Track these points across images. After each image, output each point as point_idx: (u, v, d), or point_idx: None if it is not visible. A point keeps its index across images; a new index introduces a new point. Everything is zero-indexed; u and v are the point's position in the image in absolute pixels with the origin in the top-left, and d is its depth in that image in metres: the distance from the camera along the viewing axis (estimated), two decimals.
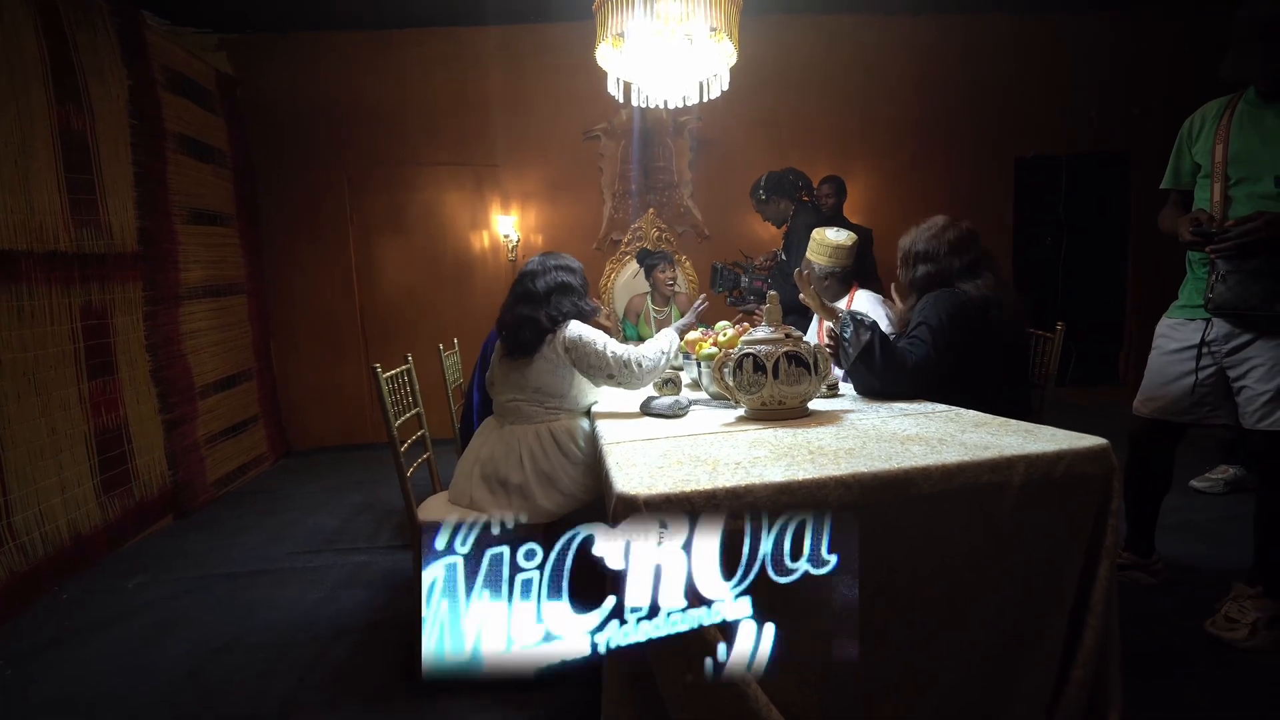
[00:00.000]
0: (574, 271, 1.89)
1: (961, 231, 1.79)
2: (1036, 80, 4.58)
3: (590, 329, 1.79)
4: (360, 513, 3.12)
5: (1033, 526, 1.06)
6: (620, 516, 0.98)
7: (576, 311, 1.82)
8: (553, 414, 1.81)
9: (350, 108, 4.26)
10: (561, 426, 1.79)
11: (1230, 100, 1.73)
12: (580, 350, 1.74)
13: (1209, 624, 1.73)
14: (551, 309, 1.79)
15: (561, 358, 1.75)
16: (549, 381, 1.78)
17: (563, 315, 1.79)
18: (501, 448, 1.78)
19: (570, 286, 1.84)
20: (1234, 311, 1.67)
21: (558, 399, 1.81)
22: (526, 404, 1.80)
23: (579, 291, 1.86)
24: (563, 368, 1.77)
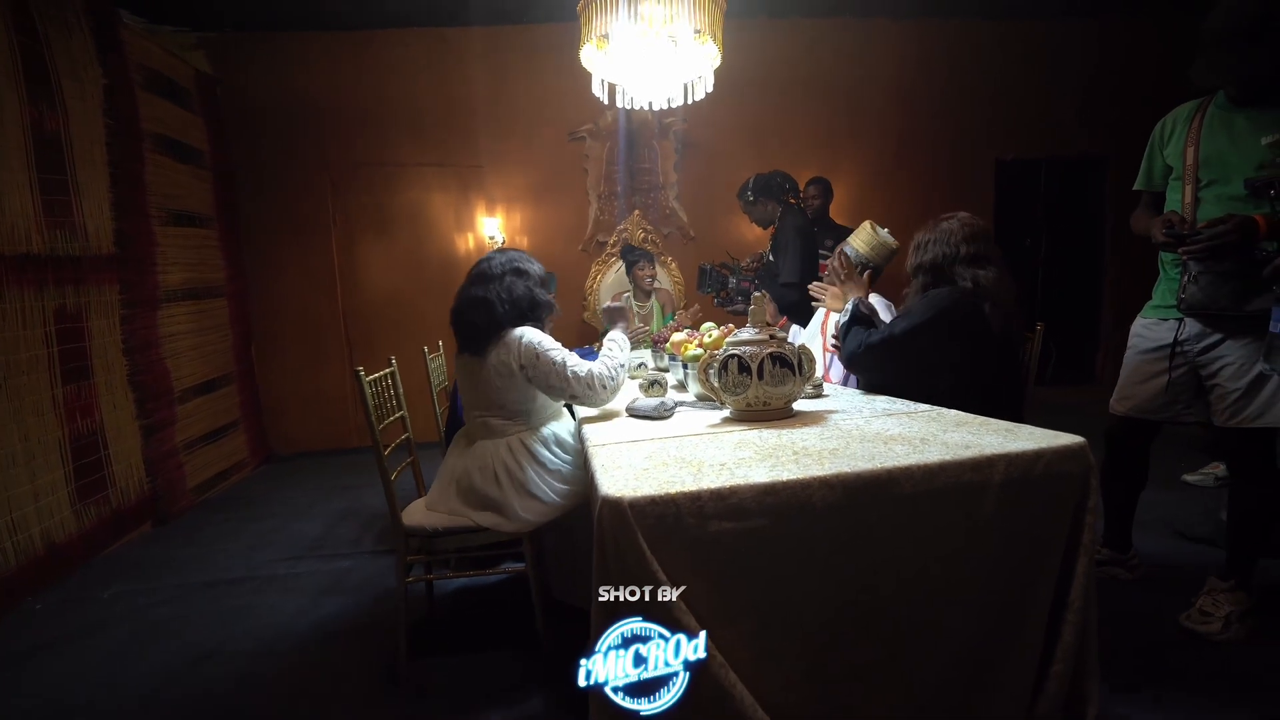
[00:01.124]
0: (530, 261, 1.86)
1: (978, 226, 1.81)
2: (1016, 84, 4.66)
3: (548, 340, 1.72)
4: (343, 518, 3.08)
5: (1012, 524, 1.07)
6: (605, 519, 0.98)
7: (529, 298, 1.76)
8: (521, 427, 1.77)
9: (333, 108, 4.22)
10: (534, 436, 1.76)
11: (1201, 104, 1.77)
12: (538, 369, 1.67)
13: (1184, 618, 1.77)
14: (504, 289, 1.73)
15: (517, 374, 1.69)
16: (510, 398, 1.74)
17: (515, 299, 1.73)
18: (475, 462, 1.74)
19: (525, 271, 1.80)
20: (1205, 312, 1.71)
21: (523, 414, 1.77)
22: (494, 419, 1.76)
23: (535, 278, 1.81)
24: (519, 382, 1.71)
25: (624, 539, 0.96)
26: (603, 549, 0.99)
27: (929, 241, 1.82)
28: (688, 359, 1.86)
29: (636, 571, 0.96)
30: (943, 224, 1.83)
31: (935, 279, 1.79)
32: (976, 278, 1.71)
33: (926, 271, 1.80)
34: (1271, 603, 1.84)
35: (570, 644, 1.09)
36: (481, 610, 2.14)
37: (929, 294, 1.76)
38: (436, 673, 1.77)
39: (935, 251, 1.79)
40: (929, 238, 1.83)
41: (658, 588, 0.95)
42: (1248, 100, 1.66)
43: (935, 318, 1.69)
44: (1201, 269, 1.68)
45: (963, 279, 1.73)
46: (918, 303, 1.77)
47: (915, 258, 1.86)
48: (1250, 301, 1.62)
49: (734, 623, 1.00)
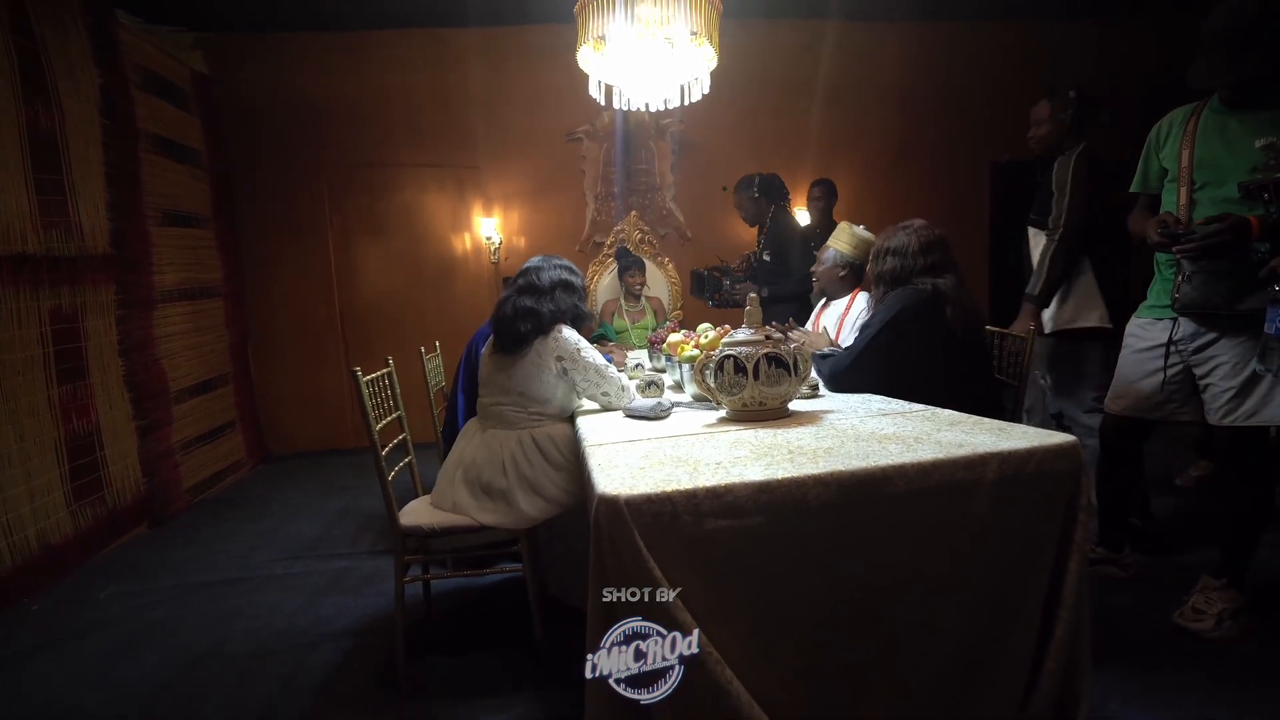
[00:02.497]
0: (576, 273, 1.91)
1: (934, 235, 1.85)
2: (1012, 86, 4.66)
3: (583, 342, 1.80)
4: (341, 518, 3.08)
5: (1005, 522, 1.08)
6: (602, 517, 0.98)
7: (575, 312, 1.83)
8: (536, 420, 1.79)
9: (330, 108, 4.22)
10: (544, 433, 1.77)
11: (1197, 106, 1.78)
12: (577, 364, 1.75)
13: (1177, 615, 1.78)
14: (554, 303, 1.79)
15: (550, 367, 1.75)
16: (534, 387, 1.77)
17: (562, 312, 1.80)
18: (485, 452, 1.77)
19: (574, 286, 1.86)
20: (1199, 311, 1.72)
21: (541, 404, 1.79)
22: (510, 408, 1.79)
23: (581, 292, 1.88)
24: (549, 375, 1.76)
25: (620, 537, 0.97)
26: (599, 547, 1.00)
27: (886, 253, 1.87)
28: (684, 359, 1.87)
29: (633, 569, 0.96)
30: (898, 235, 1.88)
31: (894, 288, 1.85)
32: (936, 286, 1.77)
33: (886, 283, 1.86)
34: (1264, 601, 1.85)
35: (567, 643, 1.09)
36: (478, 610, 2.14)
37: (889, 296, 1.83)
38: (434, 673, 1.77)
39: (893, 264, 1.86)
40: (886, 247, 1.88)
41: (654, 586, 0.95)
42: (1243, 103, 1.67)
43: (894, 318, 1.76)
44: (1195, 269, 1.70)
45: (923, 287, 1.80)
46: (877, 309, 1.85)
47: (875, 267, 1.92)
48: (1243, 301, 1.63)
49: (730, 620, 1.01)
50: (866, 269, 2.00)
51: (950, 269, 1.82)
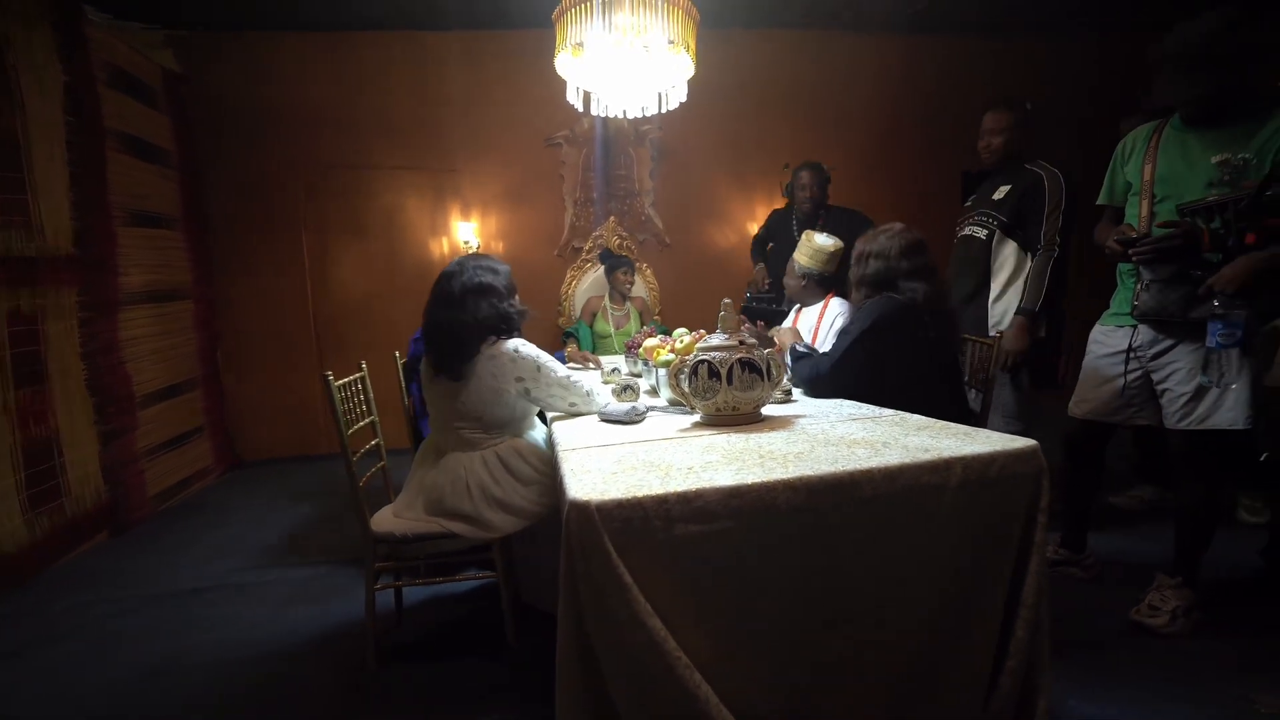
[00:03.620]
0: (497, 272, 1.77)
1: (914, 238, 1.88)
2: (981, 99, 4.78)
3: (543, 354, 1.71)
4: (311, 525, 3.03)
5: (969, 524, 1.11)
6: (572, 522, 0.98)
7: (499, 314, 1.70)
8: (498, 438, 1.75)
9: (305, 109, 4.16)
10: (509, 448, 1.74)
11: (1159, 124, 1.86)
12: (539, 381, 1.67)
13: (1134, 612, 1.84)
14: (467, 313, 1.67)
15: (510, 389, 1.67)
16: (494, 411, 1.70)
17: (481, 321, 1.68)
18: (446, 477, 1.71)
19: (488, 287, 1.71)
20: (1157, 318, 1.79)
21: (501, 428, 1.75)
22: (469, 431, 1.73)
23: (500, 292, 1.73)
24: (509, 396, 1.69)
25: (590, 542, 0.97)
26: (569, 552, 1.00)
27: (869, 256, 1.90)
28: (660, 364, 1.88)
29: (602, 575, 0.97)
30: (880, 239, 1.91)
31: (877, 292, 1.87)
32: (917, 290, 1.81)
33: (870, 285, 1.89)
34: (1215, 598, 1.92)
35: (541, 650, 1.09)
36: (451, 618, 2.11)
37: (868, 304, 1.86)
38: (405, 682, 1.75)
39: (876, 266, 1.88)
40: (869, 250, 1.91)
41: (625, 591, 0.96)
42: (1200, 121, 1.75)
43: (873, 325, 1.78)
44: (1153, 277, 1.76)
45: (909, 291, 1.82)
46: (856, 315, 1.87)
47: (859, 270, 1.94)
48: (1197, 309, 1.69)
49: (700, 624, 1.01)
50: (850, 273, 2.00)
51: (930, 273, 1.86)
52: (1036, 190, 2.36)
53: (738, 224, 4.73)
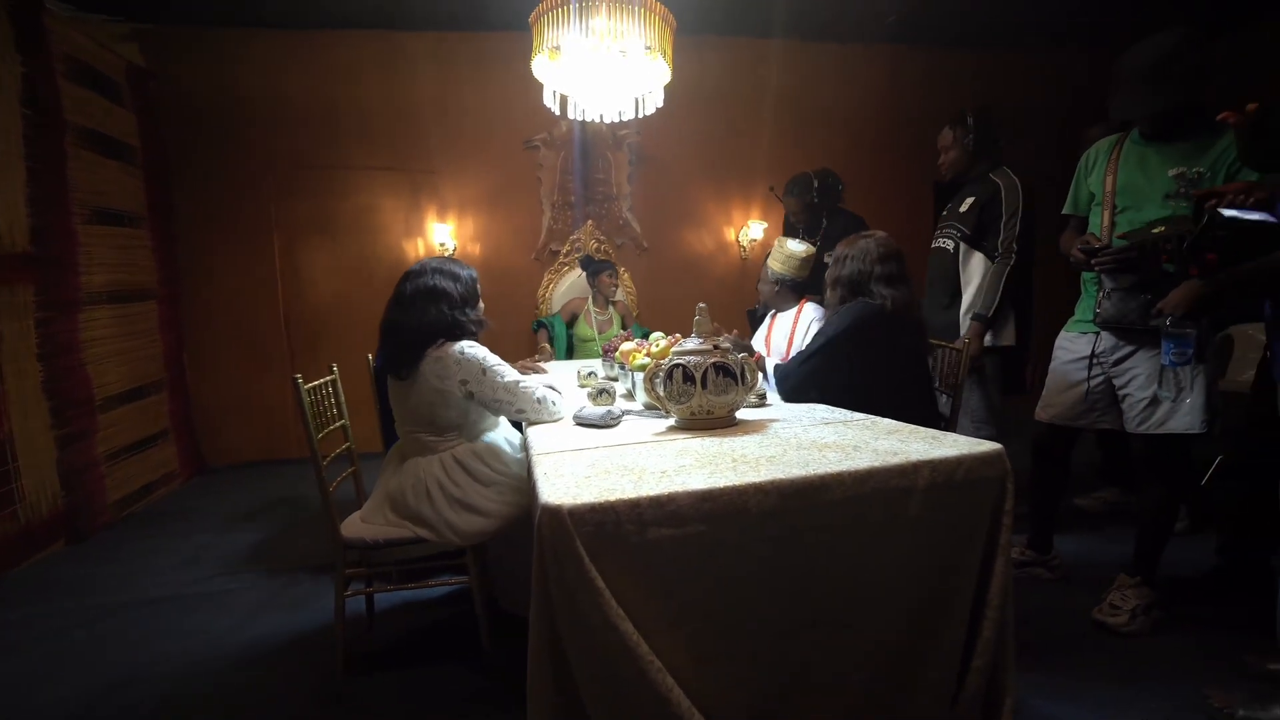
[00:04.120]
0: (456, 278, 1.72)
1: (894, 247, 1.92)
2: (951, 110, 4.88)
3: (491, 356, 1.68)
4: (280, 531, 2.96)
5: (936, 526, 1.13)
6: (545, 527, 0.98)
7: (448, 322, 1.66)
8: (454, 441, 1.74)
9: (277, 107, 4.09)
10: (466, 450, 1.73)
11: (1120, 137, 1.93)
12: (483, 384, 1.64)
13: (1096, 611, 1.89)
14: (414, 316, 1.65)
15: (454, 391, 1.65)
16: (441, 413, 1.69)
17: (427, 324, 1.65)
18: (409, 480, 1.71)
19: (441, 292, 1.67)
20: (1118, 325, 1.85)
21: (456, 431, 1.74)
22: (424, 435, 1.73)
23: (454, 299, 1.69)
24: (454, 399, 1.67)
25: (563, 547, 0.97)
26: (542, 556, 0.99)
27: (847, 258, 1.93)
28: (635, 368, 1.88)
29: (575, 579, 0.97)
30: (860, 242, 1.94)
31: (852, 293, 1.90)
32: (890, 296, 1.84)
33: (845, 285, 1.92)
34: (1173, 596, 1.98)
35: (516, 655, 1.08)
36: (425, 624, 2.09)
37: (843, 308, 1.88)
38: (376, 690, 1.72)
39: (853, 268, 1.91)
40: (848, 253, 1.94)
41: (597, 595, 0.96)
42: (1157, 135, 1.81)
43: (847, 329, 1.80)
44: (1114, 286, 1.82)
45: (880, 296, 1.85)
46: (832, 318, 1.89)
47: (835, 270, 1.97)
48: (1155, 317, 1.75)
49: (672, 628, 1.02)
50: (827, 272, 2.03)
51: (903, 281, 1.89)
52: (995, 200, 2.45)
53: (715, 229, 4.76)
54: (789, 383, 1.85)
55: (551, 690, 1.01)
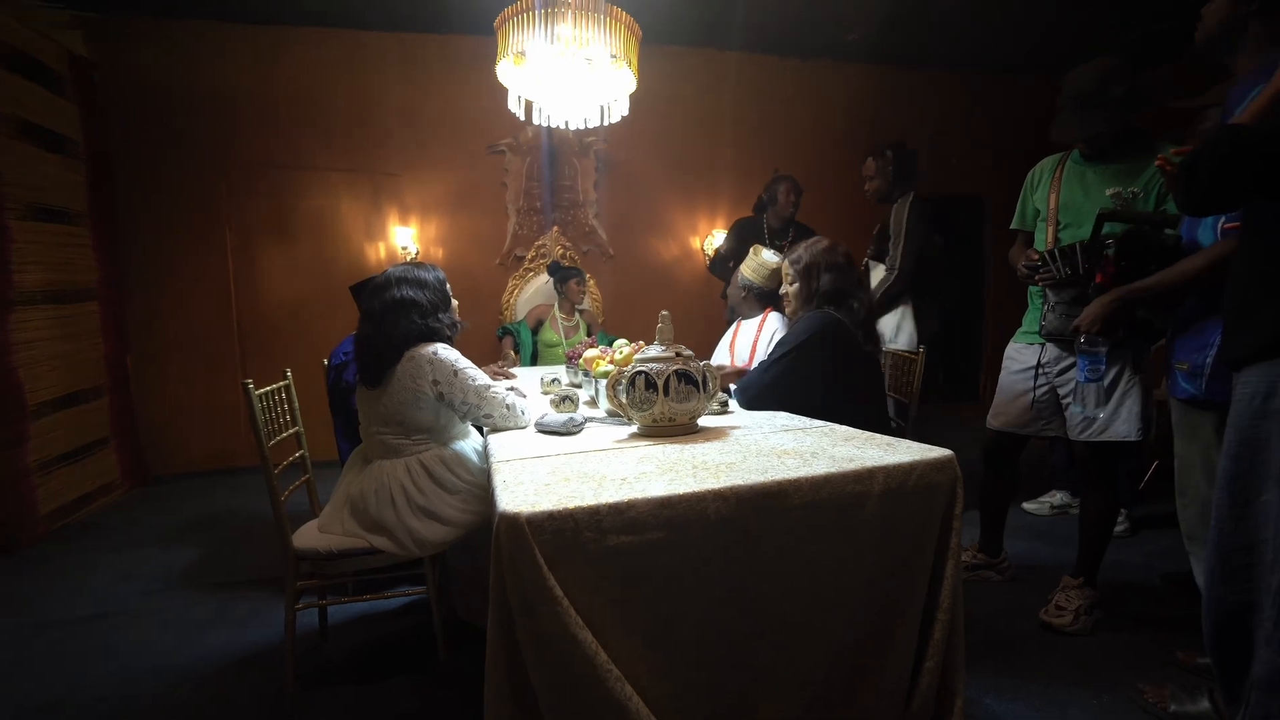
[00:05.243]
0: (423, 285, 1.72)
1: (847, 253, 1.95)
2: (910, 127, 5.06)
3: (463, 359, 1.68)
4: (228, 543, 2.85)
5: (890, 531, 1.16)
6: (503, 535, 0.97)
7: (422, 331, 1.66)
8: (422, 446, 1.71)
9: (233, 103, 3.96)
10: (434, 456, 1.70)
11: (1063, 156, 2.02)
12: (454, 386, 1.62)
13: (1043, 613, 1.96)
14: (386, 331, 1.65)
15: (427, 392, 1.63)
16: (413, 415, 1.67)
17: (398, 336, 1.64)
18: (371, 485, 1.66)
19: (410, 303, 1.67)
20: (1060, 337, 1.93)
21: (425, 434, 1.71)
22: (392, 437, 1.69)
23: (424, 307, 1.69)
24: (426, 400, 1.64)
25: (521, 555, 0.96)
26: (499, 565, 0.98)
27: (819, 267, 1.93)
28: (599, 375, 1.87)
29: (532, 587, 0.95)
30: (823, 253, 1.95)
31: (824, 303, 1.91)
32: (862, 305, 1.89)
33: (821, 296, 1.92)
34: (1114, 597, 2.07)
35: (475, 666, 1.06)
36: (381, 636, 2.03)
37: (804, 319, 1.88)
38: (329, 706, 1.67)
39: (829, 280, 1.90)
40: (819, 261, 1.93)
41: (555, 605, 0.95)
42: (1095, 156, 1.91)
43: (809, 339, 1.82)
44: (1058, 299, 1.90)
45: (854, 305, 1.89)
46: (794, 326, 1.90)
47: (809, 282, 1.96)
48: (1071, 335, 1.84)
49: (631, 635, 1.01)
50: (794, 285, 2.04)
51: (864, 287, 1.94)
52: (888, 222, 2.78)
53: (680, 237, 4.81)
54: (749, 392, 1.86)
55: (509, 701, 1.00)
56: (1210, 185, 1.08)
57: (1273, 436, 1.09)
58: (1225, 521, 1.18)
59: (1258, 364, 1.12)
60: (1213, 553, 1.20)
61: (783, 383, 1.82)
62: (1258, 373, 1.12)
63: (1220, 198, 1.12)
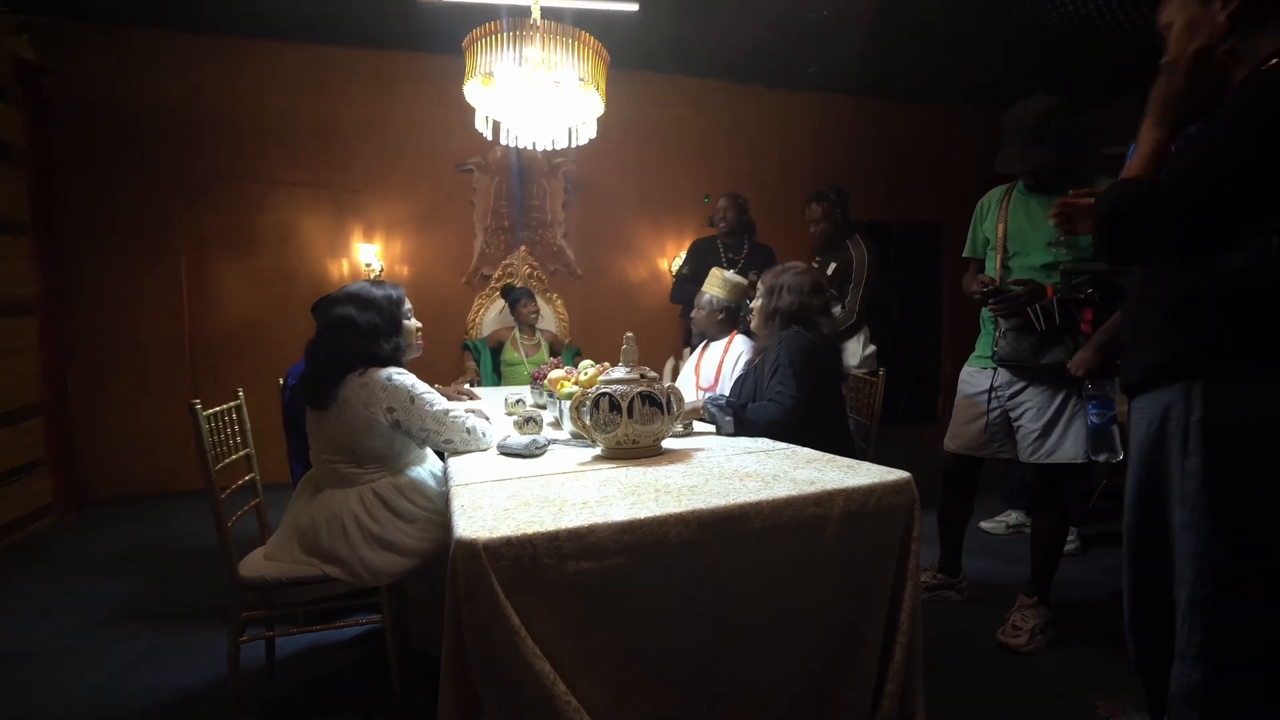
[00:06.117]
0: (368, 305, 1.64)
1: (819, 277, 2.00)
2: (869, 154, 5.24)
3: (421, 383, 1.62)
4: (171, 572, 2.70)
5: (851, 553, 1.17)
6: (459, 562, 0.94)
7: (358, 353, 1.59)
8: (376, 475, 1.64)
9: (190, 114, 3.85)
10: (388, 484, 1.63)
11: (1009, 187, 2.11)
12: (411, 413, 1.57)
13: (1000, 633, 1.99)
14: (325, 348, 1.59)
15: (381, 419, 1.57)
16: (366, 443, 1.60)
17: (337, 355, 1.58)
18: (321, 515, 1.59)
19: (347, 323, 1.60)
20: (1012, 362, 1.99)
21: (378, 462, 1.64)
22: (344, 465, 1.62)
23: (362, 329, 1.61)
24: (381, 428, 1.59)
25: (477, 582, 0.93)
26: (455, 593, 0.95)
27: (783, 289, 1.97)
28: (563, 396, 1.86)
29: (489, 616, 0.93)
30: (789, 274, 2.00)
31: (788, 324, 1.94)
32: (828, 326, 1.90)
33: (782, 315, 1.95)
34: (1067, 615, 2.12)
35: (431, 697, 1.02)
36: (332, 668, 1.94)
37: (786, 343, 1.89)
38: None
39: (790, 300, 1.95)
40: (781, 283, 1.98)
41: (512, 634, 0.92)
42: (1038, 188, 2.00)
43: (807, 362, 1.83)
44: (1009, 325, 1.97)
45: (823, 326, 1.92)
46: (784, 353, 1.87)
47: (771, 300, 2.00)
48: (1045, 355, 1.91)
49: (590, 663, 0.99)
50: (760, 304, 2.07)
51: (831, 310, 1.98)
52: (848, 267, 2.93)
53: (648, 258, 4.84)
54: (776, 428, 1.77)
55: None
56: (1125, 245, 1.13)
57: (1171, 459, 1.14)
58: (1136, 542, 1.23)
59: (1153, 390, 1.17)
60: (1128, 572, 1.25)
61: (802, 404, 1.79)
62: (1152, 399, 1.18)
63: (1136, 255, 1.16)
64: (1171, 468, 1.14)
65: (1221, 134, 1.04)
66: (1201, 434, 1.08)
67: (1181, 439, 1.11)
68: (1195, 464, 1.09)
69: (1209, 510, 1.07)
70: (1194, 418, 1.09)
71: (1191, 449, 1.09)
